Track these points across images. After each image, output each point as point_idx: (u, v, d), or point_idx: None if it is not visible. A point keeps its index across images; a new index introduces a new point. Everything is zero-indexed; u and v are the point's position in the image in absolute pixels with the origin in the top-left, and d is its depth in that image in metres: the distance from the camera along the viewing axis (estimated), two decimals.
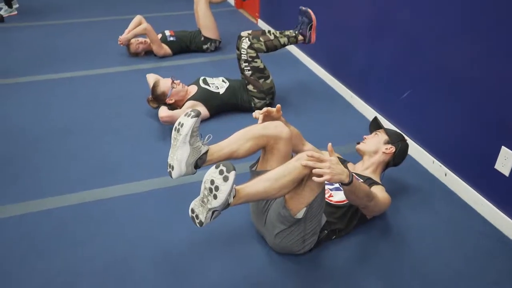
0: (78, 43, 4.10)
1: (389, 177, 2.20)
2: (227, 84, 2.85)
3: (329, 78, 3.29)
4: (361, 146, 2.09)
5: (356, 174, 1.95)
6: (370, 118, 2.79)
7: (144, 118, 2.80)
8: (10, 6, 4.89)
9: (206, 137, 1.69)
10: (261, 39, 2.70)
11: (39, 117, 2.80)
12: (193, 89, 2.81)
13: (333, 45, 3.20)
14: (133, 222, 1.94)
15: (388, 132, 2.09)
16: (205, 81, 2.85)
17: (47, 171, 2.28)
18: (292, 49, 3.88)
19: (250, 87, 2.80)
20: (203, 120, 2.75)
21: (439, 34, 2.12)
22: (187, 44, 3.83)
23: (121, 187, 2.16)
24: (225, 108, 2.83)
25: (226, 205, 1.42)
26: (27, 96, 3.07)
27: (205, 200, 1.40)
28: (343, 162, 2.09)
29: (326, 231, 1.77)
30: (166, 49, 3.73)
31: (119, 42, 3.66)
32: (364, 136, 2.13)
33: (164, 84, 2.72)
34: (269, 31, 2.75)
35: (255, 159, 1.85)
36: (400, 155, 2.05)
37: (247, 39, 2.69)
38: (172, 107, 2.72)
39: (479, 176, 2.02)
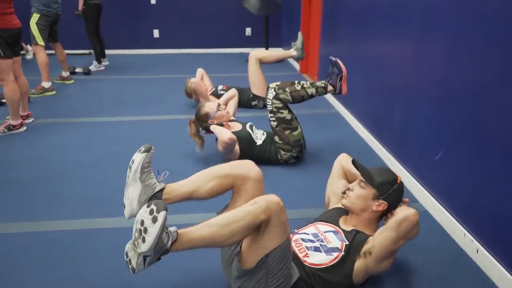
0: (142, 94, 4.46)
1: (410, 242, 1.87)
2: (265, 137, 2.80)
3: (370, 139, 3.08)
4: (345, 203, 1.71)
5: (344, 231, 1.63)
6: (404, 181, 2.48)
7: (164, 161, 2.81)
8: (99, 62, 5.57)
9: (162, 174, 1.57)
10: (287, 89, 2.65)
11: (80, 150, 3.00)
12: (236, 126, 2.81)
13: (376, 105, 3.03)
14: (114, 255, 1.87)
15: (375, 183, 1.63)
16: (251, 127, 2.83)
17: (58, 196, 2.38)
18: (339, 107, 3.77)
19: (276, 138, 2.72)
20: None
21: (475, 89, 1.88)
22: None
23: (115, 220, 2.15)
24: (254, 159, 2.74)
25: (163, 250, 1.26)
26: (81, 133, 3.34)
27: (136, 243, 1.25)
28: (339, 214, 1.75)
29: None
30: (214, 101, 3.85)
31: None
32: (348, 186, 1.75)
33: (210, 105, 2.78)
34: (298, 82, 2.70)
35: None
36: (394, 204, 1.66)
37: (273, 89, 2.67)
38: None
39: None
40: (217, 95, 3.88)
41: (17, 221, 2.15)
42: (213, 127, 2.68)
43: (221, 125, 2.76)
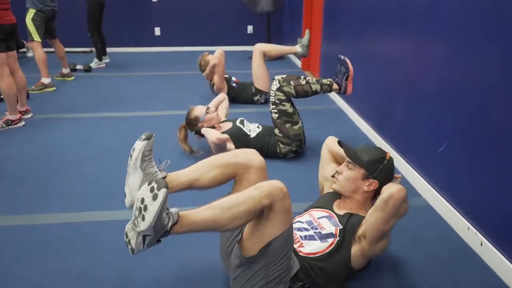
0: (142, 91, 4.42)
1: (413, 237, 1.85)
2: (260, 129, 2.77)
3: (372, 134, 3.04)
4: (336, 187, 1.67)
5: (337, 215, 1.59)
6: (406, 176, 2.45)
7: (164, 157, 2.77)
8: (100, 59, 5.55)
9: (164, 162, 1.53)
10: (291, 83, 2.61)
11: (79, 146, 2.97)
12: (227, 125, 2.78)
13: (377, 101, 2.99)
14: (111, 247, 1.85)
15: (363, 162, 1.58)
16: (242, 122, 2.81)
17: (55, 191, 2.35)
18: (341, 103, 3.73)
19: (276, 130, 2.68)
20: None
21: (479, 85, 1.83)
22: (242, 94, 3.88)
23: (113, 213, 2.12)
24: None
25: (163, 231, 1.22)
26: (79, 129, 3.32)
27: (136, 222, 1.21)
28: (333, 198, 1.71)
29: (301, 284, 1.46)
30: (225, 89, 3.79)
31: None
32: (337, 169, 1.69)
33: (199, 109, 2.77)
34: (304, 77, 2.67)
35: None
36: (385, 182, 1.57)
37: (277, 81, 2.63)
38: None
39: None
40: (229, 84, 3.85)
41: (14, 215, 2.12)
42: (203, 130, 2.67)
43: (213, 127, 2.75)
